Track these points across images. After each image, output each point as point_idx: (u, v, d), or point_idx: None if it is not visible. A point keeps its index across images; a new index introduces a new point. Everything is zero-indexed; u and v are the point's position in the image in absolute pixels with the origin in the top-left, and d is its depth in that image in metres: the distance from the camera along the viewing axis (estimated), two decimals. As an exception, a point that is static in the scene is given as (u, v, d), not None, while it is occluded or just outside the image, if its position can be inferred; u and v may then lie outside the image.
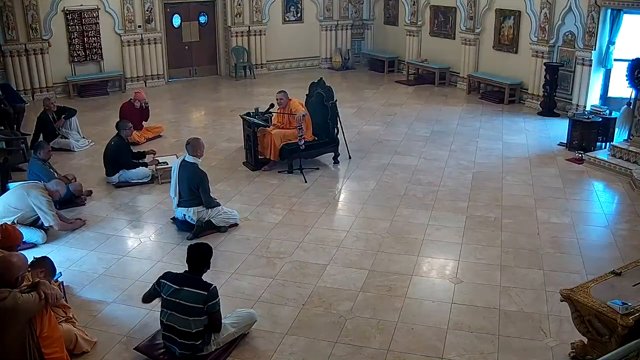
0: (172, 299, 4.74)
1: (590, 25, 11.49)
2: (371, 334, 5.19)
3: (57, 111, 10.26)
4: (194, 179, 6.95)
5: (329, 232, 7.13)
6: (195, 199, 6.98)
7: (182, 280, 4.77)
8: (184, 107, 13.40)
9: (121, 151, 8.65)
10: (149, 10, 14.67)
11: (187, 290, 4.70)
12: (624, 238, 7.01)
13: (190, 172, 6.96)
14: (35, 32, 13.43)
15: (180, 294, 4.71)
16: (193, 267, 4.83)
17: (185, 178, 6.96)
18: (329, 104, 9.32)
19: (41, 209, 6.78)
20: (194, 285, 4.73)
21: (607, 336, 4.44)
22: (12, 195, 6.93)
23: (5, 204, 6.83)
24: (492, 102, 13.47)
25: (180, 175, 6.99)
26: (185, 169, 6.98)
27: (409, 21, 16.33)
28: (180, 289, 4.72)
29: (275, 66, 17.08)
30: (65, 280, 5.91)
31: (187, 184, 6.95)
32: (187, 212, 7.01)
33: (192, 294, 4.69)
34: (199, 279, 4.80)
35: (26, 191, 6.84)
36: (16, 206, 6.78)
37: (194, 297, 4.68)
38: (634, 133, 9.14)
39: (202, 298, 4.66)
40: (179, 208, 7.10)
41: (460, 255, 6.56)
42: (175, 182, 7.06)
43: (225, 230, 7.11)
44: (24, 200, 6.79)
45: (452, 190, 8.41)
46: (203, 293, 4.68)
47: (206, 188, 7.02)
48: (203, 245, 5.00)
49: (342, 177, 9.09)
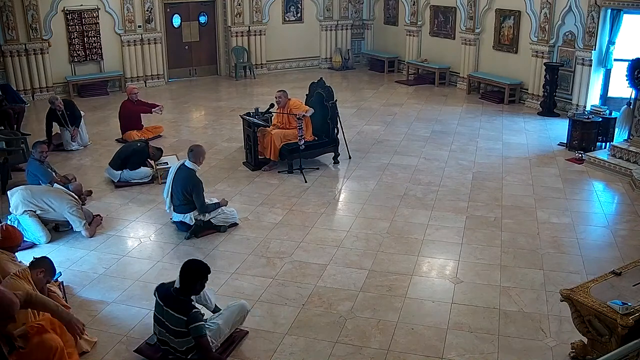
0: (160, 317, 4.67)
1: (590, 25, 11.49)
2: (371, 334, 5.19)
3: (65, 106, 10.24)
4: (189, 184, 6.90)
5: (329, 232, 7.13)
6: (188, 205, 6.95)
7: (169, 300, 4.62)
8: (184, 107, 13.40)
9: (138, 153, 8.74)
10: (149, 10, 14.67)
11: (170, 313, 4.59)
12: (624, 238, 7.01)
13: (186, 176, 6.93)
14: (35, 32, 13.43)
15: (165, 314, 4.62)
16: (183, 286, 4.63)
17: (180, 181, 6.92)
18: (329, 104, 9.32)
19: (75, 217, 6.98)
20: (176, 308, 4.57)
21: (607, 336, 4.45)
22: (54, 191, 7.10)
23: (42, 193, 7.01)
24: (492, 102, 13.47)
25: (176, 178, 6.96)
26: (182, 172, 6.96)
27: (409, 21, 16.33)
28: (167, 310, 4.61)
29: (275, 66, 17.08)
30: (65, 280, 5.92)
31: (181, 188, 6.91)
32: (184, 218, 7.02)
33: (173, 317, 4.57)
34: (183, 300, 4.60)
35: (63, 197, 7.03)
36: (52, 203, 6.94)
37: (175, 320, 4.57)
38: (634, 133, 9.14)
39: (183, 322, 4.53)
40: (175, 214, 7.10)
41: (460, 255, 6.56)
42: (169, 184, 7.04)
43: (224, 230, 7.11)
44: (61, 204, 6.95)
45: (452, 190, 8.41)
46: (183, 318, 4.53)
47: (200, 194, 6.94)
48: (199, 264, 4.75)
49: (342, 177, 9.09)
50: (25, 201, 6.87)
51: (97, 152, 10.09)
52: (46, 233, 6.88)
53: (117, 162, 8.64)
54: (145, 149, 8.84)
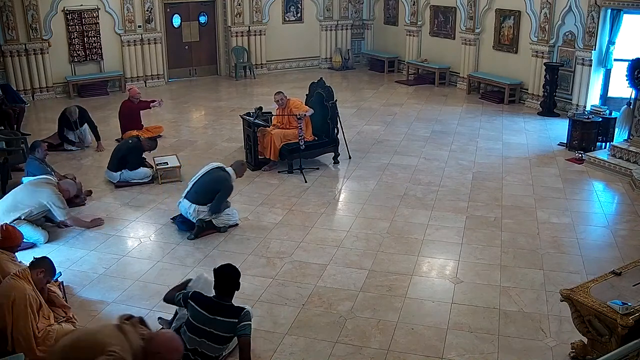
0: (203, 327, 4.50)
1: (590, 25, 11.49)
2: (371, 334, 5.20)
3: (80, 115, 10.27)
4: (221, 183, 7.06)
5: (329, 232, 7.13)
6: (204, 198, 6.99)
7: (215, 308, 4.52)
8: (184, 107, 13.39)
9: (135, 152, 8.69)
10: (149, 10, 14.66)
11: (218, 320, 4.49)
12: (624, 238, 7.01)
13: (222, 176, 7.11)
14: (35, 32, 13.42)
15: (214, 323, 4.49)
16: (223, 292, 4.58)
17: (214, 177, 7.08)
18: (329, 104, 9.32)
19: (53, 204, 6.81)
20: (226, 314, 4.50)
21: (607, 336, 4.45)
22: (21, 191, 6.92)
23: (13, 200, 6.84)
24: (492, 102, 13.47)
25: (211, 172, 7.12)
26: (220, 171, 7.15)
27: (409, 21, 16.33)
28: (214, 318, 4.49)
29: (275, 66, 17.08)
30: (65, 280, 5.92)
31: (212, 182, 7.03)
32: (190, 207, 7.01)
33: (225, 323, 4.49)
34: (229, 305, 4.58)
35: (37, 188, 6.86)
36: (25, 203, 6.79)
37: (226, 325, 4.49)
38: (634, 133, 9.14)
39: (234, 325, 4.48)
40: (184, 199, 7.10)
41: (460, 255, 6.56)
42: (199, 175, 7.17)
43: (225, 231, 7.11)
44: (33, 197, 6.80)
45: (452, 190, 8.41)
46: (234, 321, 4.48)
47: (223, 198, 7.09)
48: (231, 269, 4.69)
49: (342, 177, 9.09)
50: (3, 216, 6.67)
51: (97, 152, 10.09)
52: (43, 233, 6.85)
53: (114, 163, 8.62)
54: (138, 145, 8.74)
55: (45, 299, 4.97)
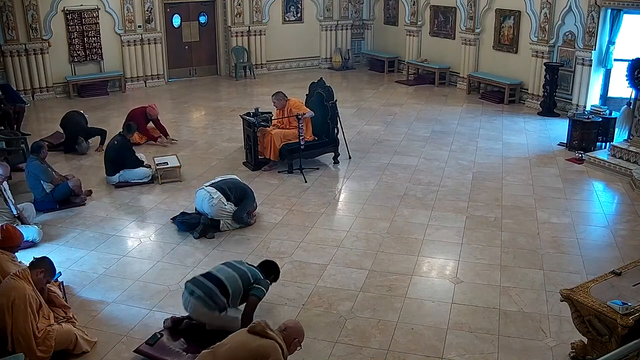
0: (216, 274, 5.12)
1: (590, 25, 11.49)
2: (371, 334, 5.20)
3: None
4: (247, 192, 7.32)
5: (329, 232, 7.13)
6: (230, 197, 7.11)
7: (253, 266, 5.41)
8: (184, 107, 13.39)
9: (124, 150, 8.64)
10: (149, 10, 14.66)
11: (247, 265, 5.32)
12: (624, 238, 7.01)
13: (248, 188, 7.43)
14: (35, 32, 13.42)
15: (237, 267, 5.21)
16: (264, 269, 5.39)
17: (242, 186, 7.40)
18: (329, 104, 9.32)
19: None
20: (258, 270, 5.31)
21: (607, 336, 4.45)
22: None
23: None
24: (492, 102, 13.47)
25: (237, 181, 7.50)
26: (247, 186, 7.56)
27: (409, 21, 16.33)
28: (240, 265, 5.27)
29: (275, 66, 17.08)
30: (65, 280, 5.93)
31: (240, 187, 7.32)
32: (215, 194, 7.02)
33: (253, 269, 5.27)
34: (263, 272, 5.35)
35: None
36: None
37: (252, 271, 5.21)
38: (634, 133, 9.14)
39: (257, 276, 5.17)
40: (209, 187, 7.16)
41: (460, 255, 6.56)
42: (226, 177, 7.56)
43: (224, 230, 7.12)
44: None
45: (452, 190, 8.41)
46: (259, 275, 5.21)
47: (248, 205, 7.25)
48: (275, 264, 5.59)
49: (342, 177, 9.09)
50: None
51: (97, 153, 10.07)
52: (37, 230, 6.85)
53: (109, 167, 8.62)
54: (124, 141, 8.68)
55: (45, 299, 4.97)
